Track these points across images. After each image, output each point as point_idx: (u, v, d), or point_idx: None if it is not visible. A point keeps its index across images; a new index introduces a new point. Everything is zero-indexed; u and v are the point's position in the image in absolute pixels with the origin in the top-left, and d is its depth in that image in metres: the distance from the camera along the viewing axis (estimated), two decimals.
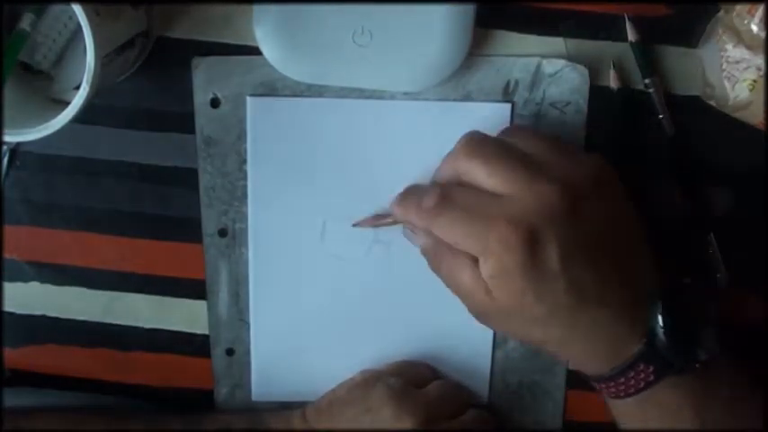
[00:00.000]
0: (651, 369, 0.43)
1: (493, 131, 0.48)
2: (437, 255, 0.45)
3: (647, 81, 0.48)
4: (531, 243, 0.40)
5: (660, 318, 0.42)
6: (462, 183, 0.44)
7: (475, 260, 0.42)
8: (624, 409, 0.45)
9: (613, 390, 0.44)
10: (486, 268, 0.42)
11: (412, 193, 0.47)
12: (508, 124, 0.49)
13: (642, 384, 0.43)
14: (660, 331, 0.42)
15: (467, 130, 0.48)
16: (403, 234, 0.48)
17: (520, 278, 0.41)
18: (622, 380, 0.43)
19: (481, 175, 0.42)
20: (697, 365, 0.43)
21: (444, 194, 0.43)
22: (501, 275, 0.41)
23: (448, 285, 0.45)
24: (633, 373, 0.43)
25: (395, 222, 0.48)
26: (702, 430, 0.44)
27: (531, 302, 0.41)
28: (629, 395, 0.44)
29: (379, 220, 0.49)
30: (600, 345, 0.43)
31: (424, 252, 0.46)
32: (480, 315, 0.45)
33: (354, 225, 0.50)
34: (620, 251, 0.43)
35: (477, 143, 0.44)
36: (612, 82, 0.48)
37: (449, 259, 0.44)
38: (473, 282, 0.43)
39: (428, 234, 0.45)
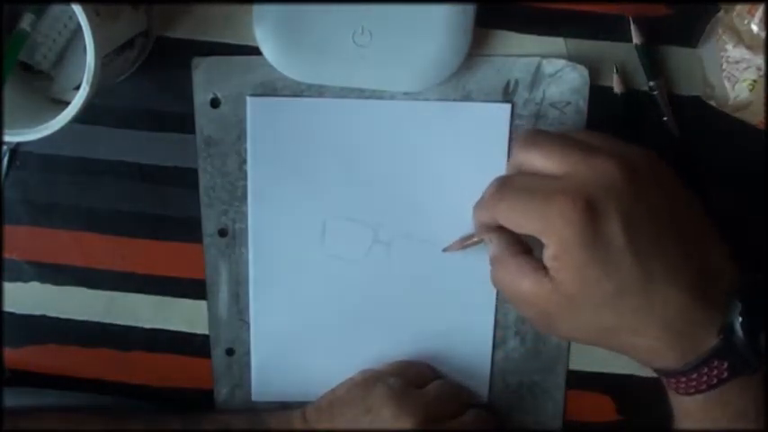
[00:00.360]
0: (725, 366, 0.41)
1: (493, 131, 0.48)
2: (502, 263, 0.45)
3: (651, 84, 0.48)
4: (592, 214, 0.40)
5: (740, 315, 0.41)
6: (522, 173, 0.44)
7: (537, 266, 0.42)
8: (688, 407, 0.44)
9: (683, 385, 0.43)
10: (549, 248, 0.41)
11: (481, 196, 0.47)
12: (508, 124, 0.49)
13: (715, 381, 0.42)
14: (739, 327, 0.41)
15: (467, 130, 0.49)
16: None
17: (583, 252, 0.40)
18: (695, 375, 0.42)
19: (538, 159, 0.43)
20: None
21: (504, 181, 0.44)
22: (564, 252, 0.41)
23: (509, 293, 0.45)
24: (707, 368, 0.42)
25: (480, 240, 0.48)
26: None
27: (596, 279, 0.41)
28: (699, 392, 0.42)
29: (466, 240, 0.49)
30: (675, 332, 0.42)
31: (492, 261, 0.46)
32: (546, 318, 0.44)
33: (444, 251, 0.50)
34: (687, 236, 0.42)
35: (532, 134, 0.44)
36: (616, 86, 0.48)
37: (513, 267, 0.44)
38: (536, 283, 0.42)
39: (499, 242, 0.45)
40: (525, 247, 0.45)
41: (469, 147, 0.49)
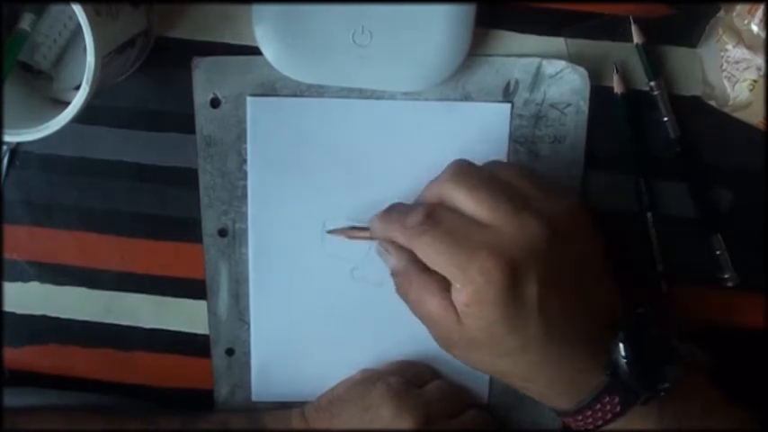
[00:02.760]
0: (617, 400, 0.42)
1: (492, 131, 0.48)
2: (408, 277, 0.45)
3: (652, 84, 0.48)
4: (512, 277, 0.40)
5: (622, 348, 0.42)
6: (447, 208, 0.44)
7: (445, 286, 0.42)
8: None
9: (581, 423, 0.44)
10: (462, 296, 0.41)
11: (396, 211, 0.46)
12: (508, 124, 0.49)
13: (609, 416, 0.43)
14: (623, 362, 0.42)
15: (467, 130, 0.49)
16: (376, 252, 0.48)
17: (496, 310, 0.41)
18: (589, 413, 0.43)
19: (466, 201, 0.43)
20: (662, 393, 0.42)
21: (430, 214, 0.43)
22: (477, 305, 0.41)
23: (414, 310, 0.45)
24: (599, 405, 0.43)
25: (370, 238, 0.48)
26: None
27: (502, 335, 0.41)
28: (597, 427, 0.43)
29: (354, 232, 0.49)
30: (563, 380, 0.43)
31: (394, 273, 0.46)
32: (446, 342, 0.44)
33: (329, 233, 0.50)
34: (587, 288, 0.43)
35: (464, 171, 0.44)
36: (616, 86, 0.48)
37: (419, 283, 0.44)
38: (442, 308, 0.43)
39: (401, 256, 0.45)
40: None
41: (469, 147, 0.49)
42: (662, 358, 0.43)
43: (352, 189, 0.50)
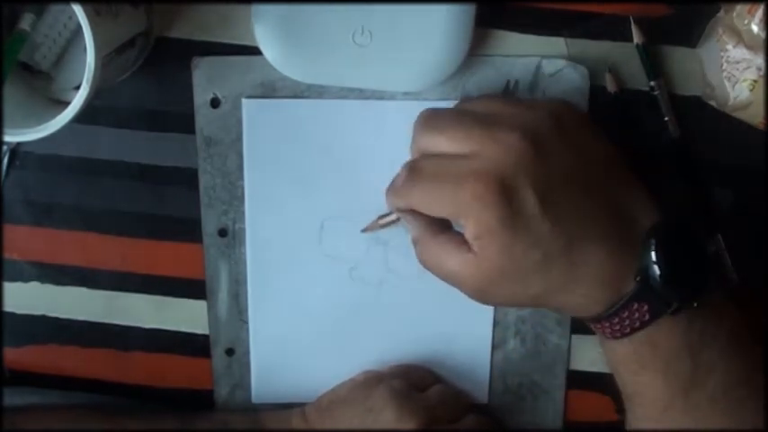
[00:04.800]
0: (646, 308, 0.42)
1: None
2: (425, 244, 0.45)
3: (652, 83, 0.48)
4: (506, 194, 0.40)
5: (654, 255, 0.41)
6: (427, 156, 0.44)
7: (460, 242, 0.42)
8: (620, 351, 0.44)
9: (608, 330, 0.43)
10: (468, 230, 0.41)
11: (393, 179, 0.47)
12: None
13: (637, 324, 0.42)
14: (654, 269, 0.41)
15: None
16: (403, 228, 0.48)
17: (503, 230, 0.41)
18: (616, 320, 0.42)
19: (441, 142, 0.43)
20: (695, 305, 0.42)
21: (411, 167, 0.44)
22: (485, 232, 0.41)
23: (438, 273, 0.45)
24: (627, 312, 0.42)
25: (398, 219, 0.48)
26: (695, 373, 0.43)
27: (521, 252, 0.41)
28: (624, 335, 0.43)
29: (383, 220, 0.49)
30: (599, 283, 0.42)
31: (414, 242, 0.46)
32: (478, 292, 0.44)
33: (363, 231, 0.50)
34: (600, 186, 0.43)
35: (430, 115, 0.44)
36: (609, 86, 0.48)
37: (435, 246, 0.44)
38: (462, 262, 0.43)
39: (415, 224, 0.45)
40: (444, 224, 0.45)
41: None
42: (695, 269, 0.42)
43: (350, 189, 0.50)
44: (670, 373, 0.43)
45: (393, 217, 0.48)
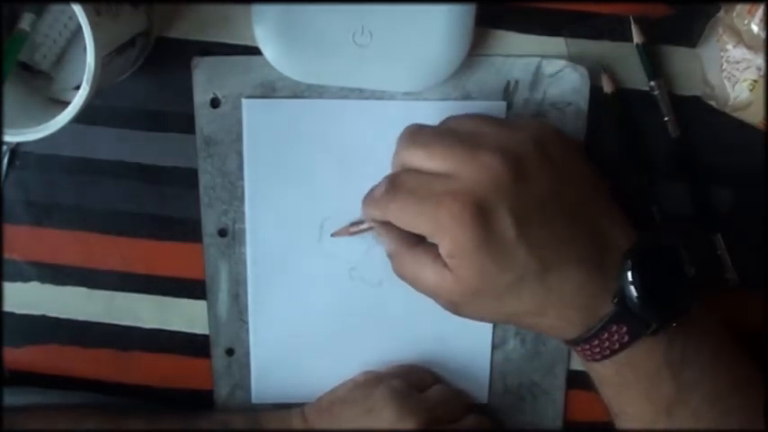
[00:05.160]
0: (624, 330, 0.42)
1: None
2: (400, 257, 0.45)
3: (652, 83, 0.48)
4: (482, 214, 0.40)
5: (630, 275, 0.41)
6: (408, 171, 0.44)
7: (435, 254, 0.43)
8: (602, 372, 0.44)
9: (588, 352, 0.43)
10: (443, 248, 0.42)
11: (370, 191, 0.46)
12: None
13: (617, 346, 0.42)
14: (631, 290, 0.41)
15: None
16: (375, 240, 0.48)
17: (478, 251, 0.41)
18: (596, 342, 0.42)
19: (422, 159, 0.43)
20: (674, 325, 0.42)
21: (392, 181, 0.44)
22: (459, 252, 0.41)
23: (414, 286, 0.45)
24: (607, 334, 0.42)
25: (370, 228, 0.48)
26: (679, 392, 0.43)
27: (495, 274, 0.41)
28: (605, 357, 0.43)
29: (355, 227, 0.49)
30: (574, 306, 0.42)
31: (389, 255, 0.46)
32: (453, 305, 0.44)
33: (332, 235, 0.50)
34: (578, 210, 0.43)
35: (414, 131, 0.44)
36: (606, 86, 0.48)
37: (410, 259, 0.44)
38: (437, 275, 0.43)
39: (391, 236, 0.45)
40: (419, 236, 0.44)
41: None
42: (673, 288, 0.42)
43: (350, 189, 0.50)
44: (653, 392, 0.43)
45: (365, 226, 0.48)
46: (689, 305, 0.42)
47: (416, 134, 0.44)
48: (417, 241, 0.44)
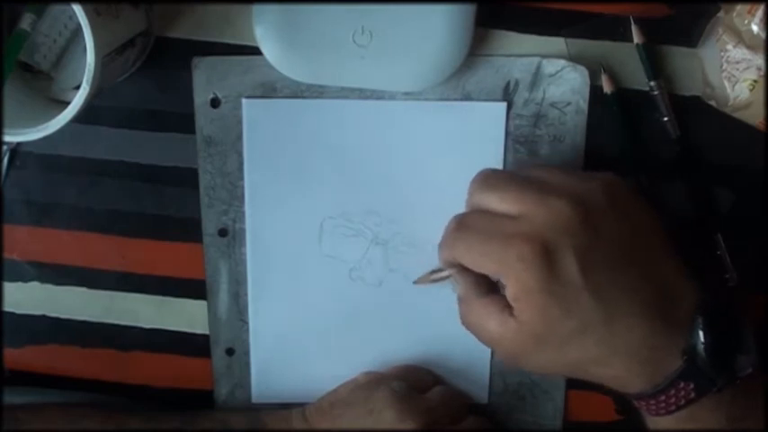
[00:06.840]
0: (691, 387, 0.42)
1: (489, 130, 0.48)
2: (468, 304, 0.46)
3: (652, 83, 0.48)
4: (548, 257, 0.41)
5: (701, 334, 0.42)
6: (477, 212, 0.44)
7: (503, 306, 0.43)
8: (661, 424, 0.44)
9: (654, 407, 0.43)
10: (509, 290, 0.42)
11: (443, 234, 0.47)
12: (504, 123, 0.49)
13: (682, 402, 0.42)
14: (701, 348, 0.41)
15: (463, 129, 0.49)
16: (452, 288, 0.48)
17: (543, 293, 0.41)
18: (662, 397, 0.43)
19: (494, 201, 0.43)
20: (737, 381, 0.42)
21: (461, 221, 0.44)
22: (524, 294, 0.41)
23: (477, 334, 0.45)
24: (673, 390, 0.42)
25: (449, 276, 0.47)
26: None
27: (558, 318, 0.41)
28: (669, 413, 0.43)
29: (436, 275, 0.49)
30: (640, 359, 0.42)
31: (459, 301, 0.47)
32: (515, 357, 0.44)
33: (415, 283, 0.50)
34: (645, 262, 0.43)
35: (488, 175, 0.45)
36: (606, 86, 0.48)
37: (478, 307, 0.45)
38: (501, 325, 0.43)
39: (462, 281, 0.46)
40: (490, 286, 0.45)
41: (466, 146, 0.49)
42: (737, 346, 0.42)
43: (349, 189, 0.50)
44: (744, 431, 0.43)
45: (444, 273, 0.48)
46: (753, 363, 0.42)
47: (490, 177, 0.45)
48: (488, 291, 0.45)
